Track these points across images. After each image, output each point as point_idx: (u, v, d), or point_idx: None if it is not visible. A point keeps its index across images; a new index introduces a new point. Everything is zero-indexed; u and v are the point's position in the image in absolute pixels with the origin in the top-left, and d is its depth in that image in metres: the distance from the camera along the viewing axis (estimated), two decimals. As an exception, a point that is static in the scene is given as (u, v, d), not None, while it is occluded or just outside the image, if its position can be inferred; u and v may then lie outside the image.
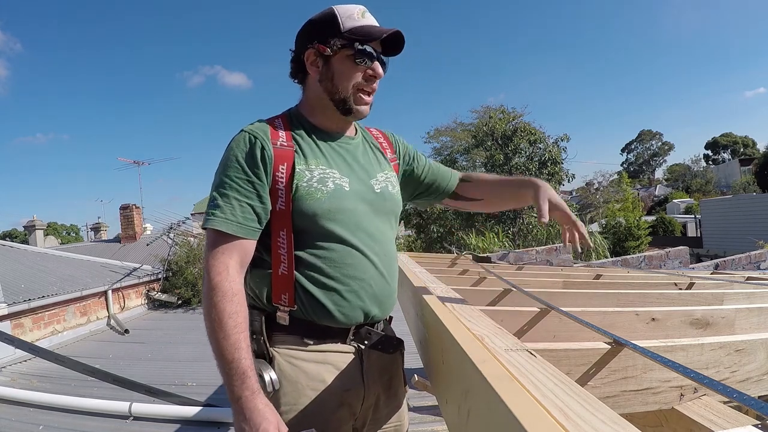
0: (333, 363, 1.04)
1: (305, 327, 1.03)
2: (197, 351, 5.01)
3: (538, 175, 13.87)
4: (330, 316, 1.02)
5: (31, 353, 4.02)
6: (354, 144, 1.15)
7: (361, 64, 1.04)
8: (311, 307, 1.02)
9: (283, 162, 1.02)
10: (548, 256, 8.25)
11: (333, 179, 1.04)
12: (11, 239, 25.52)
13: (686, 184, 39.93)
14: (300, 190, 1.00)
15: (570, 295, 1.38)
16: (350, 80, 1.05)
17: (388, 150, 1.25)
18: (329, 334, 1.04)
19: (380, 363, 1.11)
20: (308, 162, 1.04)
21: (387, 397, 1.15)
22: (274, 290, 1.02)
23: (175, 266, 8.29)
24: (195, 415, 3.01)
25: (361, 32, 1.03)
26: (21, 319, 5.23)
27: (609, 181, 21.61)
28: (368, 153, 1.17)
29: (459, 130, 16.75)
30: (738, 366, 0.83)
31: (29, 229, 14.51)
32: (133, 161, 16.83)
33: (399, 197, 1.19)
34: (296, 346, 1.03)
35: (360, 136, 1.19)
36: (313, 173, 1.03)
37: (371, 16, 1.07)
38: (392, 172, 1.20)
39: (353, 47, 1.03)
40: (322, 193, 1.01)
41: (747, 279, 2.16)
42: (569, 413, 0.44)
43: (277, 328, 1.03)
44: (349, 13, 1.05)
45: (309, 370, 1.02)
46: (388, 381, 1.15)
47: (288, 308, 1.02)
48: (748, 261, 7.79)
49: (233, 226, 0.98)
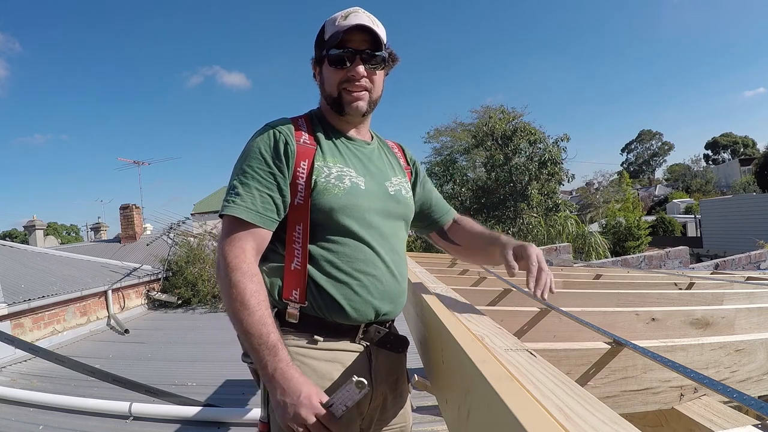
0: (342, 362, 1.04)
1: (315, 324, 1.03)
2: (197, 351, 5.01)
3: (538, 175, 13.87)
4: (341, 310, 1.02)
5: (31, 353, 4.01)
6: (369, 148, 1.17)
7: (339, 67, 1.06)
8: (322, 302, 1.02)
9: (304, 158, 1.04)
10: (548, 256, 8.25)
11: (350, 177, 1.07)
12: (11, 239, 25.53)
13: (686, 184, 39.93)
14: (318, 185, 1.03)
15: (570, 295, 1.38)
16: (333, 83, 1.08)
17: (402, 159, 1.28)
18: (339, 332, 1.04)
19: (388, 363, 1.12)
20: (326, 159, 1.06)
21: (394, 397, 1.15)
22: (286, 285, 1.03)
23: (175, 266, 8.28)
24: (195, 415, 3.01)
25: (332, 37, 1.05)
26: (21, 319, 5.23)
27: (609, 181, 21.62)
28: (383, 158, 1.20)
29: (459, 130, 16.77)
30: (738, 366, 0.83)
31: (29, 229, 14.52)
32: (133, 161, 16.83)
33: (411, 203, 1.21)
34: (306, 344, 1.03)
35: (376, 143, 1.22)
36: (332, 170, 1.05)
37: (360, 15, 1.07)
38: (405, 179, 1.22)
39: (329, 53, 1.06)
40: (339, 189, 1.04)
41: (747, 279, 2.16)
42: (569, 413, 0.44)
43: (287, 325, 1.03)
44: (333, 19, 1.08)
45: (319, 368, 1.02)
46: (394, 381, 1.15)
47: (299, 304, 1.02)
48: (748, 261, 7.79)
49: (252, 214, 0.99)
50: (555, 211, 13.72)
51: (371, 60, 1.07)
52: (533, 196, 13.62)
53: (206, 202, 18.82)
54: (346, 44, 1.05)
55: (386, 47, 1.10)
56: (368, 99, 1.10)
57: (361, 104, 1.09)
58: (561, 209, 13.91)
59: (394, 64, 1.17)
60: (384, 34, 1.10)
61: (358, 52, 1.06)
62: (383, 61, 1.10)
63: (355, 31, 1.05)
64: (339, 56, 1.06)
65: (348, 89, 1.08)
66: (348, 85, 1.07)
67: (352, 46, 1.05)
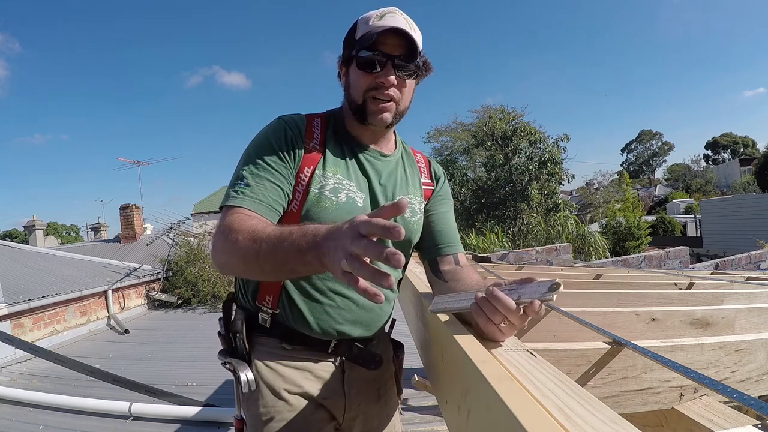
0: (311, 371, 1.02)
1: (285, 332, 1.01)
2: (197, 351, 5.01)
3: (538, 175, 13.88)
4: (308, 327, 1.00)
5: (31, 353, 4.01)
6: (385, 161, 1.08)
7: (368, 72, 0.96)
8: (291, 314, 1.00)
9: (309, 165, 0.98)
10: (548, 256, 8.26)
11: (347, 191, 0.99)
12: (11, 239, 25.53)
13: (686, 184, 39.94)
14: (311, 195, 0.96)
15: (570, 295, 1.38)
16: (360, 89, 0.98)
17: (426, 174, 1.18)
18: (308, 343, 1.02)
19: (366, 374, 1.08)
20: (326, 169, 0.99)
21: (380, 407, 1.13)
22: (261, 291, 1.01)
23: (175, 266, 8.29)
24: (195, 415, 3.01)
25: (364, 37, 0.95)
26: (21, 319, 5.23)
27: (609, 181, 21.63)
28: (398, 173, 1.10)
29: (459, 130, 16.78)
30: (738, 366, 0.83)
31: (29, 229, 14.51)
32: (133, 161, 16.84)
33: (417, 226, 1.10)
34: (275, 349, 1.01)
35: (398, 155, 1.12)
36: (328, 181, 0.98)
37: (398, 16, 0.97)
38: (419, 198, 1.13)
39: (359, 55, 0.96)
40: (332, 203, 0.97)
41: (747, 279, 2.16)
42: (569, 413, 0.44)
43: (258, 328, 1.02)
44: (367, 18, 0.98)
45: (286, 374, 1.00)
46: (376, 391, 1.12)
47: (270, 311, 1.00)
48: (748, 261, 7.80)
49: (263, 207, 0.91)
50: (555, 211, 13.73)
51: (404, 68, 0.97)
52: (533, 196, 13.64)
53: (206, 202, 18.82)
54: (378, 47, 0.94)
55: (421, 55, 1.00)
56: (395, 110, 1.00)
57: (387, 116, 0.99)
58: (561, 209, 13.92)
59: (428, 74, 1.05)
60: (420, 40, 0.99)
61: (391, 58, 0.95)
62: (417, 70, 0.99)
63: (390, 34, 0.94)
64: (369, 59, 0.95)
65: (375, 97, 0.97)
66: (375, 93, 0.97)
67: (384, 50, 0.95)
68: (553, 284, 0.64)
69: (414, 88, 1.04)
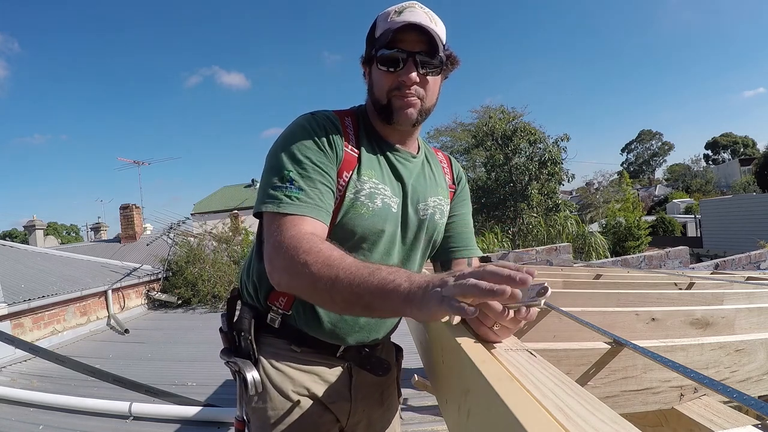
0: (319, 374, 1.01)
1: (295, 334, 0.99)
2: (197, 351, 5.01)
3: (538, 175, 13.88)
4: (322, 331, 0.99)
5: (31, 353, 4.01)
6: (414, 162, 1.06)
7: (389, 70, 0.93)
8: (305, 317, 0.98)
9: (348, 168, 0.94)
10: (548, 256, 8.26)
11: (383, 197, 0.96)
12: (11, 239, 25.52)
13: (686, 184, 39.95)
14: (346, 200, 0.93)
15: (570, 295, 1.38)
16: (383, 89, 0.95)
17: (449, 175, 1.16)
18: (318, 346, 1.01)
19: (371, 379, 1.07)
20: (362, 173, 0.95)
21: (383, 411, 1.14)
22: (274, 291, 0.98)
23: (175, 266, 8.30)
24: (195, 415, 3.01)
25: (383, 35, 0.92)
26: (21, 319, 5.22)
27: (609, 181, 21.64)
28: (426, 174, 1.08)
29: (459, 130, 16.79)
30: (738, 366, 0.83)
31: (29, 229, 14.53)
32: (133, 161, 16.87)
33: (442, 227, 1.10)
34: (282, 350, 1.00)
35: (422, 155, 1.10)
36: (364, 185, 0.94)
37: (417, 11, 0.93)
38: (446, 199, 1.12)
39: (379, 54, 0.93)
40: (367, 209, 0.94)
41: (747, 279, 2.16)
42: (569, 413, 0.44)
43: (265, 328, 1.00)
44: (386, 15, 0.95)
45: (295, 376, 0.99)
46: (380, 395, 1.12)
47: (282, 311, 0.98)
48: (748, 261, 7.80)
49: (324, 213, 0.86)
50: (555, 211, 13.73)
51: (426, 64, 0.93)
52: (533, 196, 13.64)
53: (206, 202, 18.83)
54: (398, 44, 0.91)
55: (446, 48, 0.96)
56: (420, 107, 0.96)
57: (412, 112, 0.95)
58: (561, 209, 13.93)
59: (454, 68, 1.01)
60: (443, 33, 0.96)
61: (411, 55, 0.91)
62: (440, 65, 0.95)
63: (409, 30, 0.90)
64: (389, 57, 0.92)
65: (398, 95, 0.95)
66: (398, 93, 0.94)
67: (404, 47, 0.91)
68: (541, 288, 0.61)
69: (440, 83, 1.00)
